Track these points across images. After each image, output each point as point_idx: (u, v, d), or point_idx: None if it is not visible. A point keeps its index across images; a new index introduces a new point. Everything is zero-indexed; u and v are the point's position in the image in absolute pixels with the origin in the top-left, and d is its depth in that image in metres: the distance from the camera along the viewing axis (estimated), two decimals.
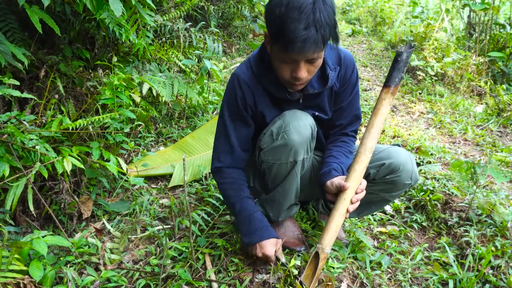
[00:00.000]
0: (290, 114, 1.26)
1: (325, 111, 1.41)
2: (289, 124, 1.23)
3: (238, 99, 1.32)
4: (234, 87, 1.32)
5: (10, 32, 1.63)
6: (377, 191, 1.39)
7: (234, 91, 1.32)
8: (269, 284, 1.31)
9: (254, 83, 1.31)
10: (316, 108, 1.39)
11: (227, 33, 4.91)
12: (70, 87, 1.94)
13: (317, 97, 1.36)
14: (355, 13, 9.16)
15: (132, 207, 1.77)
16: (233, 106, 1.34)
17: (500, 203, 1.78)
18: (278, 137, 1.25)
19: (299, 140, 1.24)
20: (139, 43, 1.99)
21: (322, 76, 1.30)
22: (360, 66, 5.16)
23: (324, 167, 1.33)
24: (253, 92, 1.31)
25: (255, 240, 1.30)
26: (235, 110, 1.35)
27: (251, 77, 1.31)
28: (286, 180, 1.34)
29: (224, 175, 1.39)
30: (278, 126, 1.26)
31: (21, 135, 1.32)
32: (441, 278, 1.41)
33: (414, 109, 3.46)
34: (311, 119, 1.29)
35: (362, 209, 1.51)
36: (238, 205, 1.35)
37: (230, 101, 1.35)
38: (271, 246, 1.29)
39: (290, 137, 1.23)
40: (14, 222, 1.53)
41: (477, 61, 3.88)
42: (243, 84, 1.31)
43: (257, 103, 1.33)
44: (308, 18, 1.03)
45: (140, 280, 1.32)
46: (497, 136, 2.91)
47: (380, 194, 1.40)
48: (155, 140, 2.53)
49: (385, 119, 1.23)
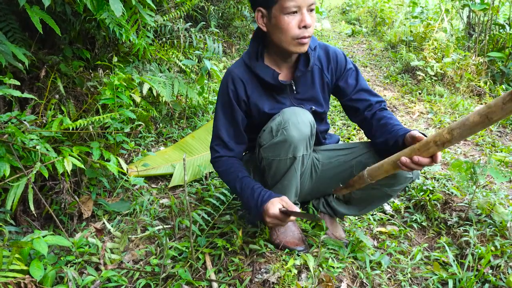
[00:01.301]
0: (289, 111, 1.29)
1: (320, 103, 1.45)
2: (289, 121, 1.25)
3: (230, 92, 1.38)
4: (226, 82, 1.39)
5: (11, 32, 1.63)
6: (379, 186, 1.40)
7: (226, 86, 1.39)
8: (269, 283, 1.32)
9: (246, 75, 1.38)
10: (311, 100, 1.43)
11: (227, 33, 4.91)
12: (71, 87, 1.94)
13: (310, 88, 1.42)
14: (355, 13, 9.17)
15: (133, 207, 1.77)
16: (226, 101, 1.40)
17: (500, 203, 1.79)
18: (277, 134, 1.27)
19: (298, 137, 1.25)
20: (139, 43, 1.99)
21: (306, 59, 1.38)
22: (360, 66, 5.16)
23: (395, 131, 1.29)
24: (245, 85, 1.37)
25: (259, 209, 1.27)
26: (228, 104, 1.40)
27: (243, 70, 1.38)
28: (286, 176, 1.35)
29: (222, 164, 1.43)
30: (278, 123, 1.28)
31: (22, 135, 1.32)
32: (441, 278, 1.42)
33: (414, 109, 3.47)
34: (310, 116, 1.30)
35: (363, 205, 1.52)
36: (238, 186, 1.35)
37: (223, 96, 1.41)
38: (273, 206, 1.25)
39: (289, 133, 1.25)
40: (15, 222, 1.53)
41: (476, 61, 3.89)
42: (235, 78, 1.37)
43: (249, 95, 1.38)
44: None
45: (140, 280, 1.33)
46: (496, 136, 2.91)
47: (382, 189, 1.41)
48: (155, 140, 2.53)
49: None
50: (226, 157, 1.44)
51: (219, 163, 1.44)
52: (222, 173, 1.43)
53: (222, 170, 1.43)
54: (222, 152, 1.44)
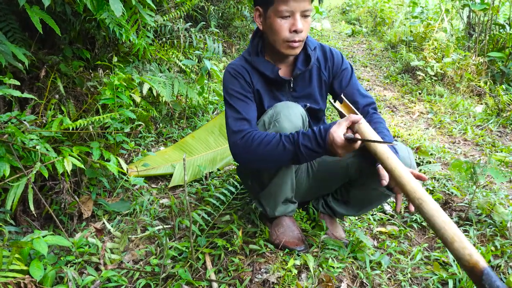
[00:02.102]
0: (281, 104, 1.31)
1: (316, 101, 1.47)
2: (280, 113, 1.28)
3: (237, 78, 1.37)
4: (230, 72, 1.39)
5: (11, 32, 1.63)
6: (376, 186, 1.40)
7: (230, 75, 1.38)
8: (269, 283, 1.32)
9: (248, 67, 1.39)
10: (307, 98, 1.45)
11: (227, 33, 4.91)
12: (71, 87, 1.94)
13: (307, 85, 1.44)
14: (355, 13, 9.17)
15: (132, 207, 1.77)
16: (235, 87, 1.36)
17: (500, 203, 1.79)
18: (270, 126, 1.29)
19: (290, 128, 1.26)
20: (139, 43, 1.99)
21: (306, 58, 1.40)
22: (360, 66, 5.16)
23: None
24: (249, 73, 1.39)
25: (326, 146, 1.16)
26: (237, 88, 1.36)
27: (245, 63, 1.40)
28: (280, 170, 1.36)
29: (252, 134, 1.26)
30: (270, 116, 1.30)
31: (22, 135, 1.32)
32: (441, 278, 1.41)
33: (414, 109, 3.47)
34: (302, 109, 1.33)
35: (361, 205, 1.52)
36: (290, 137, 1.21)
37: (230, 85, 1.37)
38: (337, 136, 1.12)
39: (281, 125, 1.26)
40: (15, 222, 1.53)
41: (476, 61, 3.89)
42: (237, 67, 1.39)
43: (253, 81, 1.39)
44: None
45: (140, 280, 1.33)
46: (496, 136, 2.91)
47: (379, 188, 1.41)
48: (155, 140, 2.53)
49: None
50: (254, 130, 1.29)
51: (247, 136, 1.27)
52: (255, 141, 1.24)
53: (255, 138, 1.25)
54: (248, 128, 1.30)
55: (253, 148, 1.24)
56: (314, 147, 1.17)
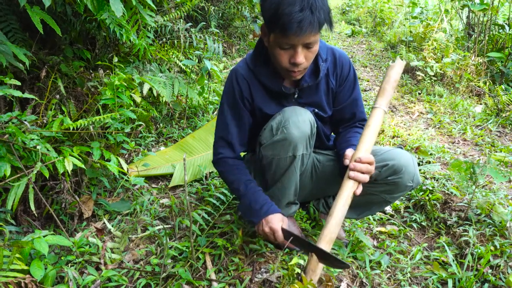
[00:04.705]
0: (290, 110, 1.29)
1: (323, 109, 1.44)
2: (289, 119, 1.26)
3: (236, 92, 1.38)
4: (231, 81, 1.39)
5: (12, 33, 1.63)
6: (378, 192, 1.39)
7: (231, 85, 1.39)
8: (269, 283, 1.32)
9: (250, 77, 1.37)
10: (314, 105, 1.42)
11: (227, 34, 4.92)
12: (71, 87, 1.94)
13: (314, 93, 1.40)
14: (355, 13, 9.18)
15: (133, 206, 1.77)
16: (231, 100, 1.40)
17: (499, 202, 1.79)
18: (277, 132, 1.27)
19: (298, 135, 1.25)
20: (140, 44, 2.00)
21: (315, 70, 1.35)
22: (360, 66, 5.17)
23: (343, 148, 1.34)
24: (249, 85, 1.37)
25: (261, 215, 1.29)
26: (232, 103, 1.40)
27: (248, 71, 1.38)
28: (285, 175, 1.35)
29: (225, 164, 1.43)
30: (278, 121, 1.28)
31: (22, 135, 1.33)
32: (440, 278, 1.42)
33: (413, 109, 3.47)
34: (310, 115, 1.30)
35: (362, 209, 1.51)
36: (243, 188, 1.36)
37: (228, 95, 1.41)
38: (277, 221, 1.28)
39: (289, 131, 1.25)
40: (15, 222, 1.53)
41: (476, 61, 3.89)
42: (240, 77, 1.37)
43: (254, 96, 1.38)
44: (303, 1, 1.08)
45: (140, 280, 1.33)
46: (496, 136, 2.92)
47: (381, 195, 1.40)
48: (155, 140, 2.53)
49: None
50: (230, 158, 1.43)
51: (222, 164, 1.44)
52: (225, 174, 1.43)
53: (226, 170, 1.42)
54: (226, 153, 1.43)
55: (221, 172, 1.45)
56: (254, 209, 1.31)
